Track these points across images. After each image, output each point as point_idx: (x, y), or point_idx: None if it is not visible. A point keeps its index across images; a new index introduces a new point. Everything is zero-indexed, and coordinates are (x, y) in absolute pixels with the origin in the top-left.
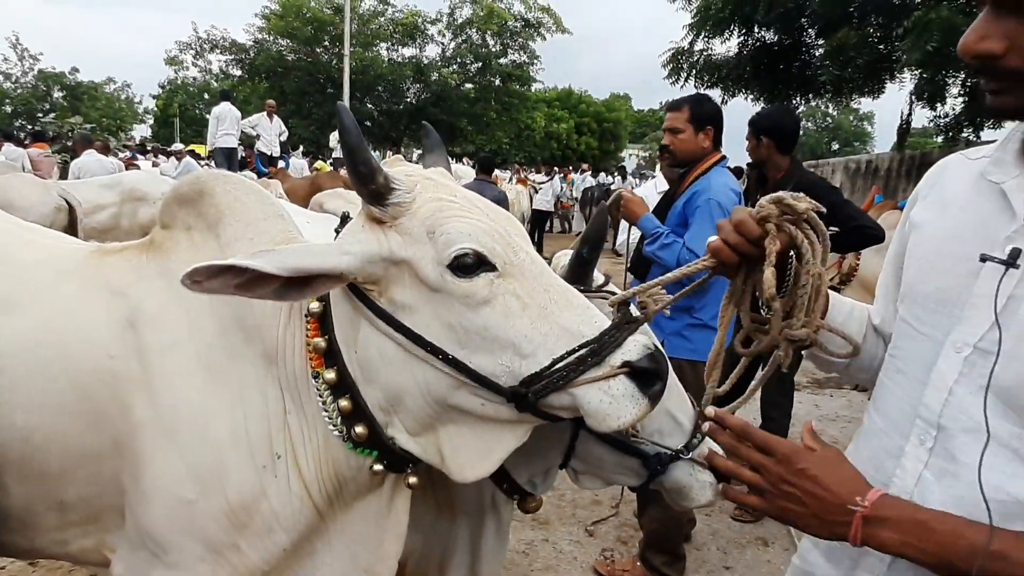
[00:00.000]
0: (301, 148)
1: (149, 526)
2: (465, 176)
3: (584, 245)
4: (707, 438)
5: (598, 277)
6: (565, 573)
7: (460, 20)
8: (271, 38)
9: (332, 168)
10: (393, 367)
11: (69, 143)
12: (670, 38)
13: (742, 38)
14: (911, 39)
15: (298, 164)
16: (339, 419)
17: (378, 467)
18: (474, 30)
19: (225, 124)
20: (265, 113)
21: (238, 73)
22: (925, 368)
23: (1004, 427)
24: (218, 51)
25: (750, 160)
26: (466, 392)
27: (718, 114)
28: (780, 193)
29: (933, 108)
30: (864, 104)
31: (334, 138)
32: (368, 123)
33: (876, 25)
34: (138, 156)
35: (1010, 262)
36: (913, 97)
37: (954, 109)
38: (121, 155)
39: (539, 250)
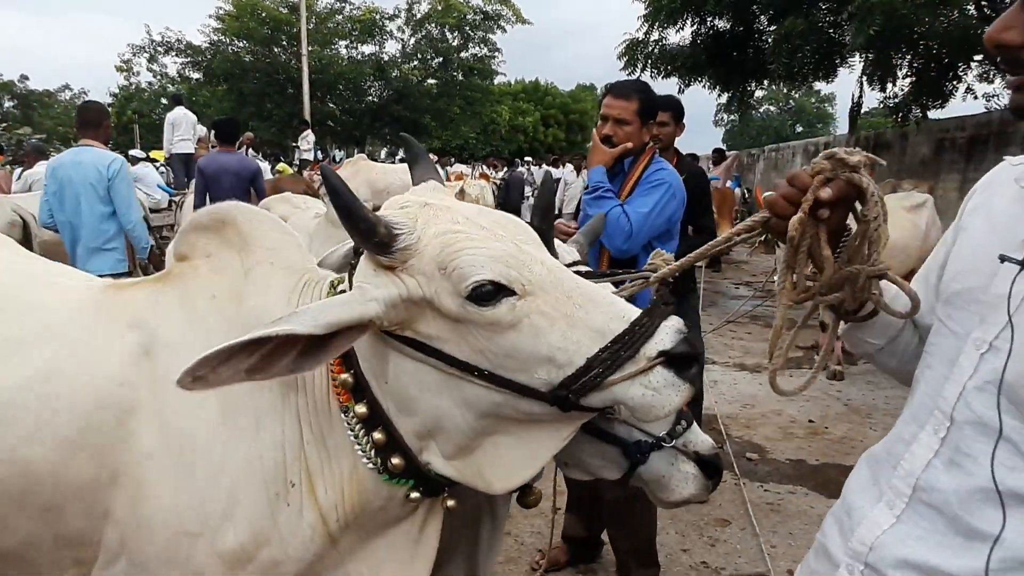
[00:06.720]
0: (262, 151)
1: (144, 559)
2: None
3: (535, 215)
4: (693, 426)
5: (569, 251)
6: (527, 565)
7: (418, 15)
8: (227, 39)
9: (296, 171)
10: (431, 392)
11: (21, 154)
12: (629, 29)
13: (695, 27)
14: (856, 23)
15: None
16: (373, 452)
17: (415, 495)
18: (433, 24)
19: (181, 129)
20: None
21: (196, 76)
22: (948, 363)
23: (1008, 423)
24: (173, 54)
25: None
26: (508, 402)
27: (656, 107)
28: (833, 149)
29: (883, 89)
30: (826, 86)
31: (304, 141)
32: (331, 123)
33: (824, 11)
34: None
35: None
36: (863, 80)
37: (902, 89)
38: None
39: None
